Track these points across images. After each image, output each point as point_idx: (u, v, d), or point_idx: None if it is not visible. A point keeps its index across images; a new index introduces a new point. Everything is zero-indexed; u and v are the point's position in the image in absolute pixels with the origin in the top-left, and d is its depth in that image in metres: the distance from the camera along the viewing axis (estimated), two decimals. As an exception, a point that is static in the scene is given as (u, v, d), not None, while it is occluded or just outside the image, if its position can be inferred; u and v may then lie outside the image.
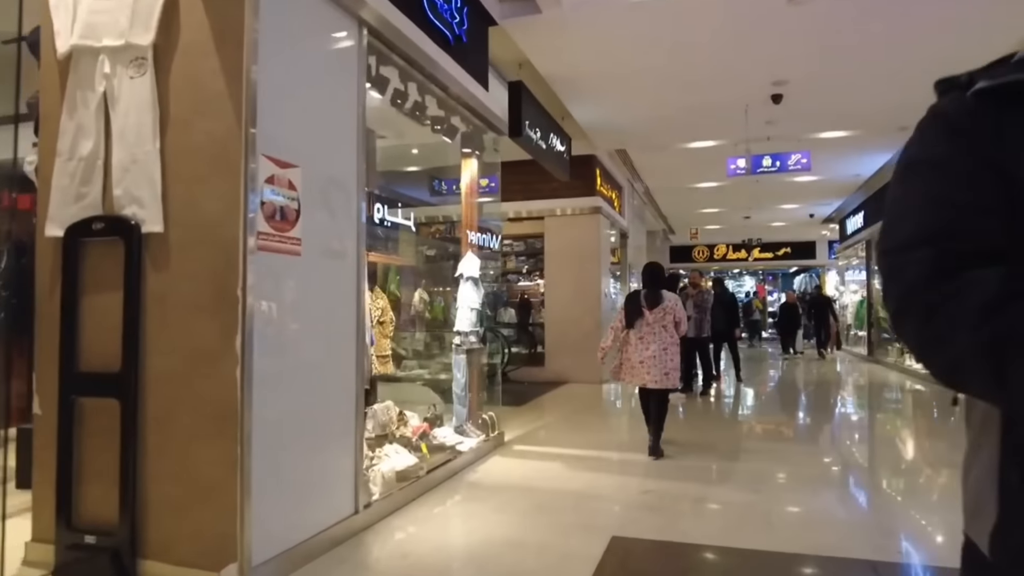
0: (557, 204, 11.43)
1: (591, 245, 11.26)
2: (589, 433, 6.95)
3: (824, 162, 12.27)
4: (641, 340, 5.64)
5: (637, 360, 5.64)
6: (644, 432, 5.84)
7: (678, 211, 18.48)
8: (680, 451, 6.09)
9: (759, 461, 5.76)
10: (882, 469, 5.75)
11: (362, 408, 3.86)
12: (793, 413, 8.78)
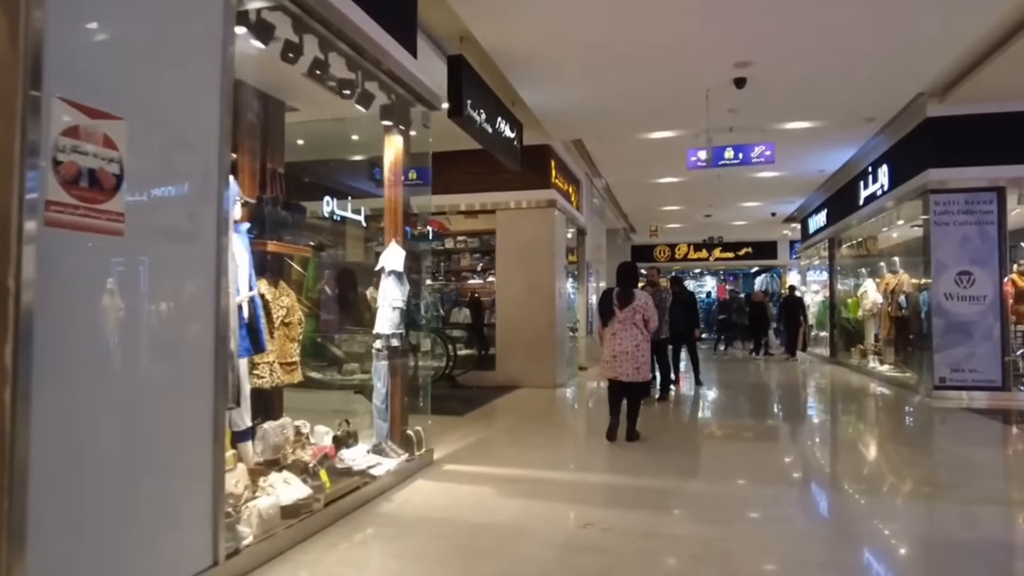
0: (509, 197, 10.70)
1: (545, 240, 10.55)
2: (534, 448, 6.23)
3: (788, 156, 11.77)
4: (614, 336, 6.17)
5: (610, 355, 6.17)
6: (597, 443, 6.04)
7: (639, 208, 17.93)
8: (633, 467, 5.40)
9: (720, 480, 5.11)
10: (863, 493, 5.15)
11: (222, 432, 3.04)
12: (759, 421, 8.19)
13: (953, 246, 8.99)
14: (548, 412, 8.48)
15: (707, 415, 8.59)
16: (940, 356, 8.93)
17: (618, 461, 5.67)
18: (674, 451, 6.14)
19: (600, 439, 6.23)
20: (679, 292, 10.30)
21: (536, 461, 5.58)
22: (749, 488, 4.86)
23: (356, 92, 4.43)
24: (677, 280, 10.79)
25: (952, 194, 9.00)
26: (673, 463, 5.58)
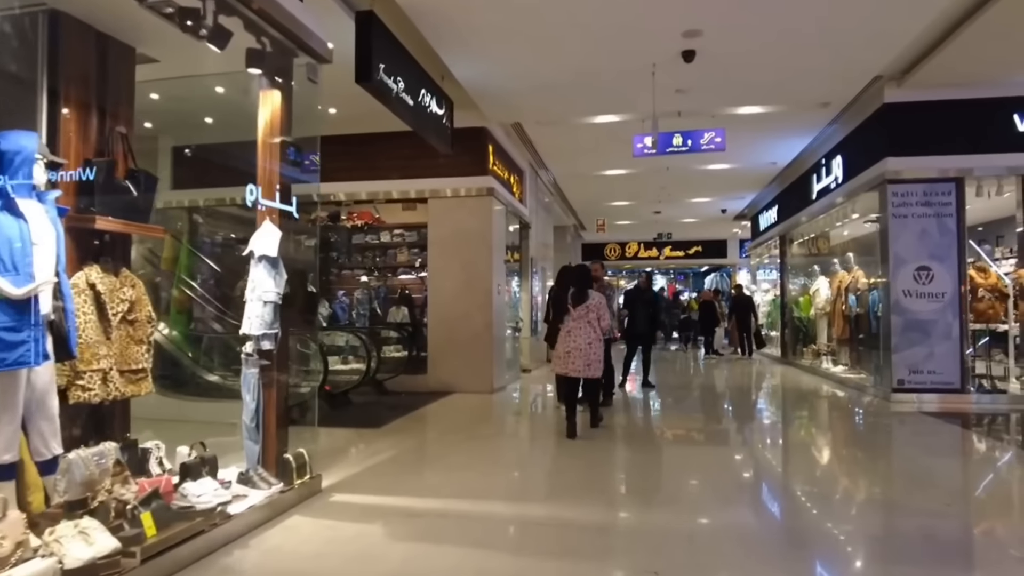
0: (442, 184, 9.77)
1: (482, 231, 9.66)
2: (451, 469, 5.32)
3: (739, 147, 11.17)
4: (568, 334, 6.50)
5: (564, 351, 6.50)
6: (526, 460, 5.66)
7: (587, 203, 17.21)
8: (561, 491, 4.55)
9: (663, 509, 4.30)
10: (835, 535, 4.41)
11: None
12: (709, 431, 7.47)
13: (911, 239, 8.47)
14: (479, 422, 7.58)
15: (653, 424, 7.83)
16: (898, 357, 8.40)
17: (545, 484, 4.83)
18: (612, 469, 5.33)
19: (531, 456, 5.41)
20: (645, 291, 10.17)
21: (449, 487, 4.68)
22: (696, 520, 4.06)
23: (203, 24, 3.44)
24: (648, 278, 11.07)
25: (910, 184, 8.48)
26: (610, 486, 4.77)
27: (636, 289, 10.25)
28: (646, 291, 10.11)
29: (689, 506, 4.31)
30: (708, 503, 4.37)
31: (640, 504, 4.46)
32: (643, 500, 4.56)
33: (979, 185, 8.51)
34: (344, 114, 9.17)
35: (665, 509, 4.24)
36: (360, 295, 10.85)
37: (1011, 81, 8.13)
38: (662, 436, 6.93)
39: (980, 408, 8.09)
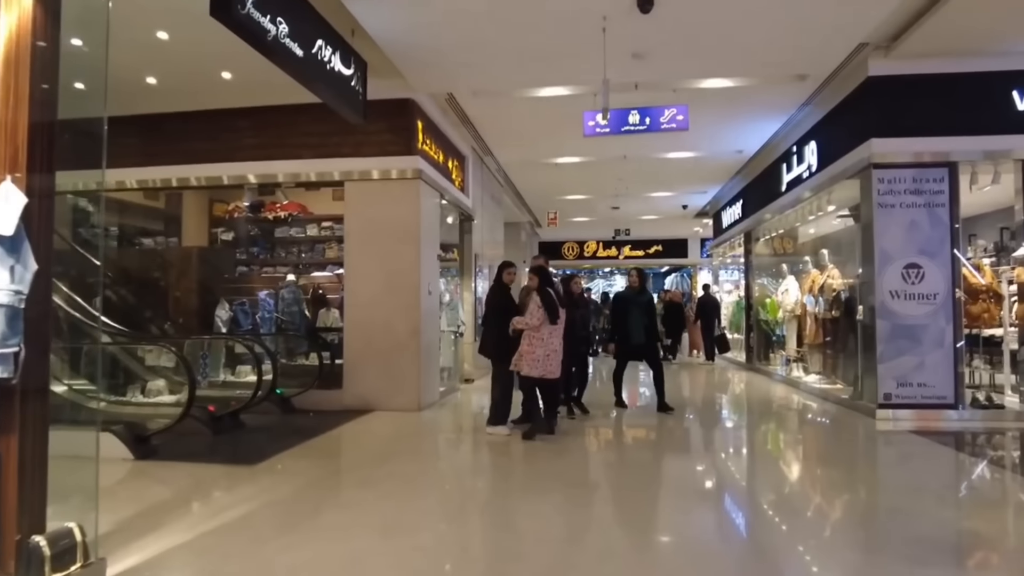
0: (359, 165, 8.34)
1: (408, 221, 8.25)
2: (317, 538, 3.92)
3: (702, 131, 10.03)
4: (551, 335, 6.40)
5: (544, 354, 6.34)
6: (436, 515, 4.25)
7: (540, 196, 15.92)
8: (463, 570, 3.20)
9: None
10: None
11: None
12: (667, 462, 6.21)
13: (899, 233, 7.37)
14: (390, 453, 6.17)
15: (619, 447, 6.55)
16: (885, 367, 7.29)
17: (447, 557, 3.47)
18: (537, 522, 4.01)
19: (452, 512, 4.05)
20: (640, 293, 8.35)
21: (302, 570, 3.28)
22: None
23: None
24: (640, 276, 8.48)
25: (898, 170, 7.39)
26: (537, 552, 3.44)
27: (628, 291, 8.53)
28: (641, 293, 8.32)
29: None
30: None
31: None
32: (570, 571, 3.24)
33: (974, 172, 7.46)
34: (244, 80, 7.70)
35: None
36: (287, 295, 9.31)
37: (1012, 51, 7.10)
38: (605, 475, 5.64)
39: (977, 426, 7.03)
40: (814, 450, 6.45)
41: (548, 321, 6.38)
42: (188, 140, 8.75)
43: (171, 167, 8.75)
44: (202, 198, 10.36)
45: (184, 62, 7.31)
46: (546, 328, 6.38)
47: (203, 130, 8.74)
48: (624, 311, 8.17)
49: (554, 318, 6.39)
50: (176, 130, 8.78)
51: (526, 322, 6.40)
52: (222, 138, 8.71)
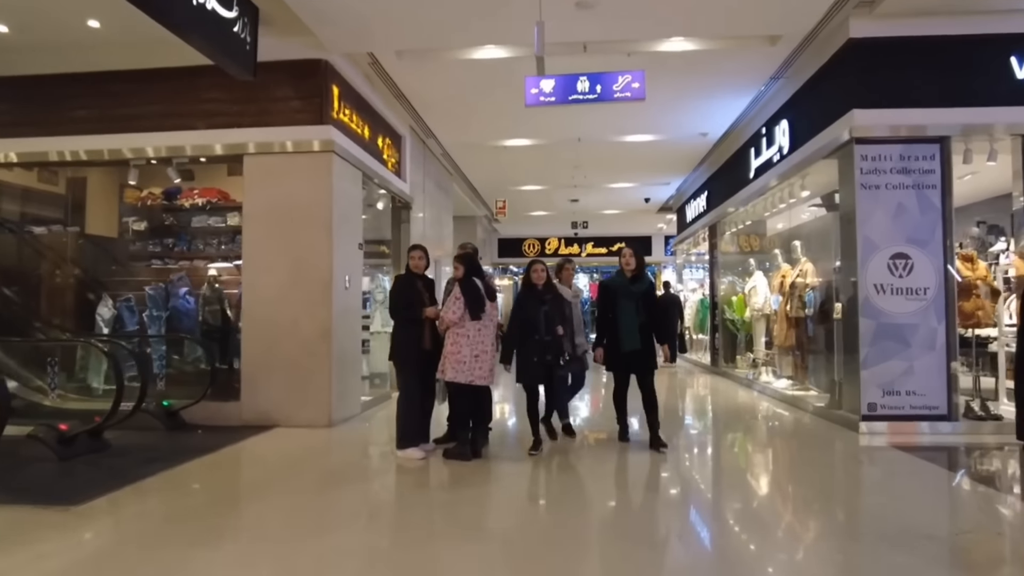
0: (259, 136, 7.07)
1: (319, 202, 7.01)
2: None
3: (663, 107, 9.00)
4: (479, 332, 5.36)
5: (471, 354, 5.29)
6: None
7: (493, 186, 14.78)
8: None
9: None
10: None
11: None
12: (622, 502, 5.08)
13: (885, 218, 6.40)
14: (267, 487, 4.89)
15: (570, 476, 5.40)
16: (869, 373, 6.31)
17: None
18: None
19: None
20: (636, 279, 5.76)
21: None
22: None
23: None
24: (636, 259, 5.91)
25: (884, 146, 6.42)
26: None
27: (618, 278, 5.82)
28: (636, 281, 5.74)
29: None
30: None
31: None
32: None
33: (967, 150, 6.52)
34: (116, 30, 6.40)
35: None
36: (207, 291, 7.97)
37: (1012, 9, 6.19)
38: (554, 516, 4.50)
39: (972, 440, 6.08)
40: (788, 474, 5.39)
41: (469, 315, 5.27)
42: (63, 107, 7.38)
43: (44, 139, 7.36)
44: (110, 183, 9.00)
45: (42, 4, 6.01)
46: (472, 324, 5.30)
47: (79, 96, 7.38)
48: (611, 306, 5.72)
49: (476, 312, 5.28)
50: (49, 96, 7.40)
51: (440, 315, 5.36)
52: (102, 106, 7.36)
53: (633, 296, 5.64)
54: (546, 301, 5.57)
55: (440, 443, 5.75)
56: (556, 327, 5.50)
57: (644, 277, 5.80)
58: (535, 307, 5.51)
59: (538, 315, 5.47)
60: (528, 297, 5.62)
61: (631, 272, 5.73)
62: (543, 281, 5.63)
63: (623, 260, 5.79)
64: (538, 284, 5.60)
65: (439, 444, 5.75)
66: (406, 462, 5.32)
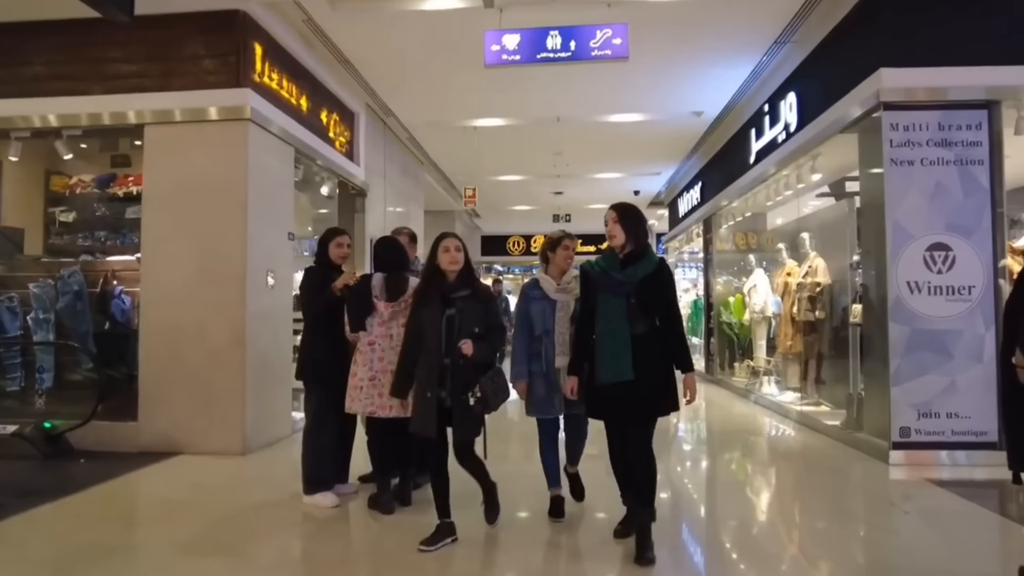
0: (162, 102, 5.85)
1: (232, 182, 5.77)
2: None
3: (649, 76, 7.82)
4: (372, 347, 3.96)
5: (367, 376, 3.93)
6: None
7: (467, 175, 13.51)
8: None
9: None
10: None
11: None
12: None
13: (920, 200, 5.23)
14: (112, 549, 3.70)
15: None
16: (901, 391, 5.13)
17: None
18: None
19: None
20: (633, 260, 3.32)
21: None
22: None
23: None
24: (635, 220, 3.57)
25: (919, 112, 5.25)
26: None
27: (602, 262, 3.37)
28: (633, 261, 3.28)
29: None
30: None
31: None
32: None
33: (1020, 117, 5.36)
34: None
35: None
36: (101, 289, 6.68)
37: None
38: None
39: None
40: (807, 525, 4.21)
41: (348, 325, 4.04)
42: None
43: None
44: (34, 169, 7.73)
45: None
46: (365, 335, 3.98)
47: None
48: (591, 307, 3.36)
49: (356, 321, 3.97)
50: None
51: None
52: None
53: (622, 289, 3.22)
54: (454, 302, 3.43)
55: (368, 482, 4.54)
56: (464, 343, 3.33)
57: (645, 256, 3.27)
58: (435, 311, 3.42)
59: (437, 323, 3.40)
60: (427, 296, 3.50)
61: (621, 249, 3.29)
62: (457, 268, 3.47)
63: (613, 225, 3.29)
64: (449, 273, 3.47)
65: (366, 483, 4.54)
66: (314, 511, 4.10)
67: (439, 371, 3.38)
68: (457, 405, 3.35)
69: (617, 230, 3.26)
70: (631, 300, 3.20)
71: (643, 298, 3.21)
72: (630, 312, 3.19)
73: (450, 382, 3.35)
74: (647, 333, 3.22)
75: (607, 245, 3.42)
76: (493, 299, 3.62)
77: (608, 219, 3.30)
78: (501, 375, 3.50)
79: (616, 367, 3.16)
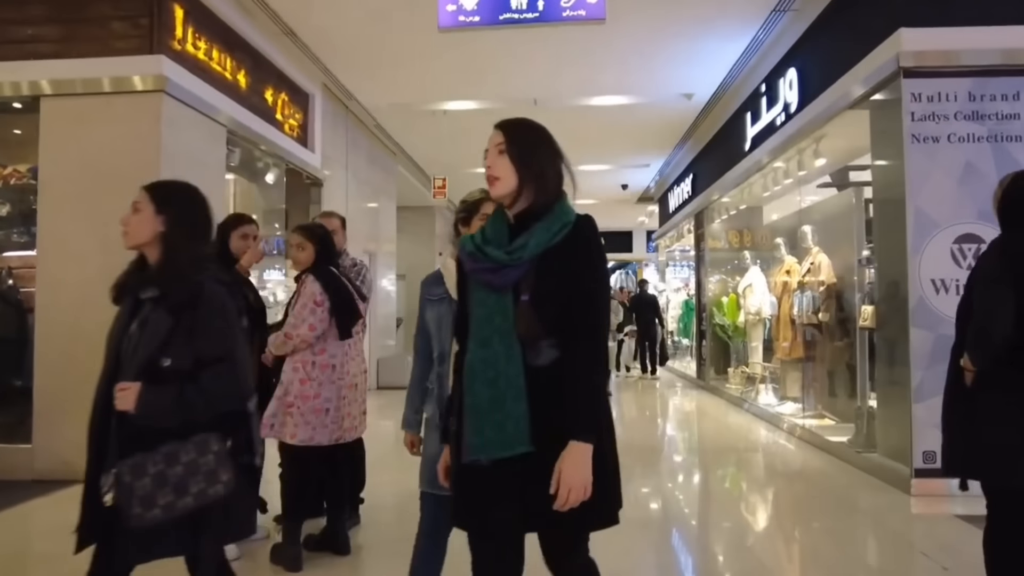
0: (61, 70, 5.00)
1: (142, 165, 4.91)
2: None
3: (634, 54, 7.03)
4: (347, 357, 3.33)
5: (338, 395, 3.23)
6: None
7: (442, 166, 12.63)
8: None
9: None
10: None
11: None
12: None
13: (947, 183, 4.46)
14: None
15: None
16: (925, 408, 4.35)
17: None
18: None
19: None
20: (570, 258, 1.91)
21: None
22: None
23: None
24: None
25: (946, 79, 4.47)
26: None
27: (496, 221, 1.73)
28: (525, 223, 1.66)
29: None
30: None
31: None
32: None
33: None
34: None
35: None
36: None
37: None
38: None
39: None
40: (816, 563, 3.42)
41: (337, 332, 3.25)
42: None
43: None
44: None
45: None
46: (338, 346, 3.26)
47: None
48: (463, 320, 1.79)
49: (347, 324, 3.25)
50: None
51: (286, 332, 3.19)
52: None
53: (503, 278, 1.64)
54: (142, 306, 1.90)
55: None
56: (121, 388, 1.75)
57: (550, 216, 1.66)
58: (120, 321, 1.97)
59: (116, 341, 1.92)
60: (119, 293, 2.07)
61: (510, 203, 1.69)
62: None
63: (485, 169, 1.69)
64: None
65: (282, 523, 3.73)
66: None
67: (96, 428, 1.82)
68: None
69: (501, 167, 1.65)
70: (521, 298, 1.61)
71: (545, 294, 1.61)
72: (521, 321, 1.60)
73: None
74: (549, 366, 1.60)
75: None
76: (205, 304, 1.86)
77: (489, 148, 1.69)
78: (206, 451, 1.75)
79: (493, 429, 1.57)
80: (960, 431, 2.45)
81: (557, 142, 1.72)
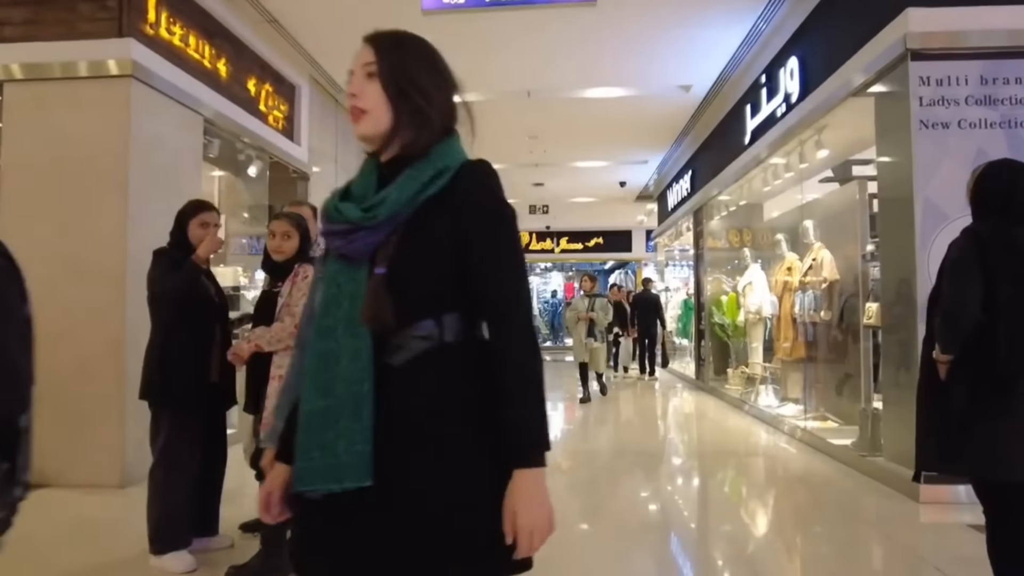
0: (24, 54, 4.78)
1: (109, 154, 4.70)
2: None
3: (630, 42, 6.80)
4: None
5: None
6: None
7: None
8: None
9: None
10: None
11: None
12: None
13: (958, 172, 4.15)
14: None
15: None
16: (934, 411, 4.10)
17: None
18: None
19: None
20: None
21: None
22: None
23: None
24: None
25: (956, 62, 4.24)
26: None
27: (366, 170, 1.26)
28: (416, 161, 1.25)
29: None
30: None
31: None
32: None
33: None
34: None
35: None
36: None
37: None
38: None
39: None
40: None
41: None
42: None
43: None
44: None
45: None
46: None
47: None
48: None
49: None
50: None
51: (272, 336, 2.89)
52: None
53: (355, 243, 1.17)
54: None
55: (250, 530, 3.48)
56: None
57: (429, 159, 1.22)
58: None
59: None
60: None
61: (382, 144, 1.24)
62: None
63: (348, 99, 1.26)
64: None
65: (249, 531, 3.49)
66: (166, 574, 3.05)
67: None
68: None
69: (370, 95, 1.23)
70: (375, 271, 1.15)
71: (411, 266, 1.16)
72: (369, 304, 1.14)
73: None
74: (428, 357, 1.15)
75: None
76: None
77: (354, 68, 1.27)
78: None
79: (321, 452, 1.11)
80: (936, 425, 2.43)
81: (448, 64, 1.27)
